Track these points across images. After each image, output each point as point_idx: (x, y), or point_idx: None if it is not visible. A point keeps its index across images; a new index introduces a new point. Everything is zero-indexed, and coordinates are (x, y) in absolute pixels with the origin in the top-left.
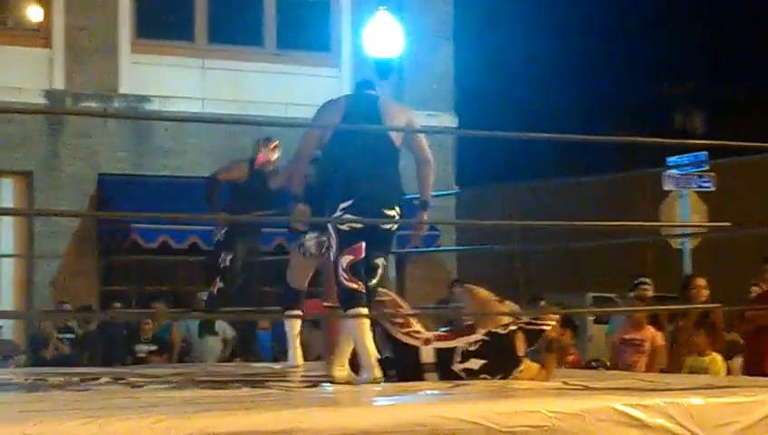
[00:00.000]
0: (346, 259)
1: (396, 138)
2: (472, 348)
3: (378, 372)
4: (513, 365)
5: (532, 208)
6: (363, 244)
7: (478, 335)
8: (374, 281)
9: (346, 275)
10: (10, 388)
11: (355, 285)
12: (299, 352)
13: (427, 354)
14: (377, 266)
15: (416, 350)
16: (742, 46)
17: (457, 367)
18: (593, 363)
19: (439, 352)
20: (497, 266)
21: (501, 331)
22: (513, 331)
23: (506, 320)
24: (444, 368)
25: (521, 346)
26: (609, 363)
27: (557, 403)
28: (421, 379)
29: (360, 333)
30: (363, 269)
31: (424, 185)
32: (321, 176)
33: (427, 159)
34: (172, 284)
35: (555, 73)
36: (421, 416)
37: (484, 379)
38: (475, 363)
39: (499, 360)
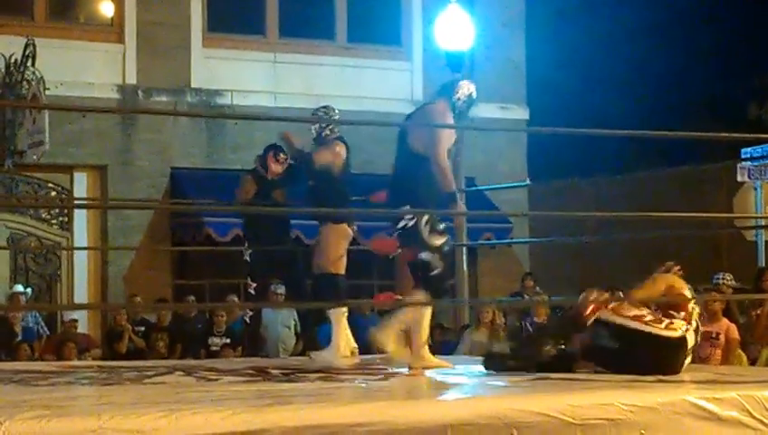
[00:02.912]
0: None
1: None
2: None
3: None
4: None
5: (605, 202)
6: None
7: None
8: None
9: None
10: (85, 381)
11: None
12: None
13: (692, 338)
14: None
15: (683, 340)
16: None
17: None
18: None
19: (695, 332)
20: (570, 260)
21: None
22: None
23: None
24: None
25: None
26: None
27: (631, 396)
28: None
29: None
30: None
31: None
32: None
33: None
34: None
35: (628, 65)
36: (496, 408)
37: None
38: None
39: None
